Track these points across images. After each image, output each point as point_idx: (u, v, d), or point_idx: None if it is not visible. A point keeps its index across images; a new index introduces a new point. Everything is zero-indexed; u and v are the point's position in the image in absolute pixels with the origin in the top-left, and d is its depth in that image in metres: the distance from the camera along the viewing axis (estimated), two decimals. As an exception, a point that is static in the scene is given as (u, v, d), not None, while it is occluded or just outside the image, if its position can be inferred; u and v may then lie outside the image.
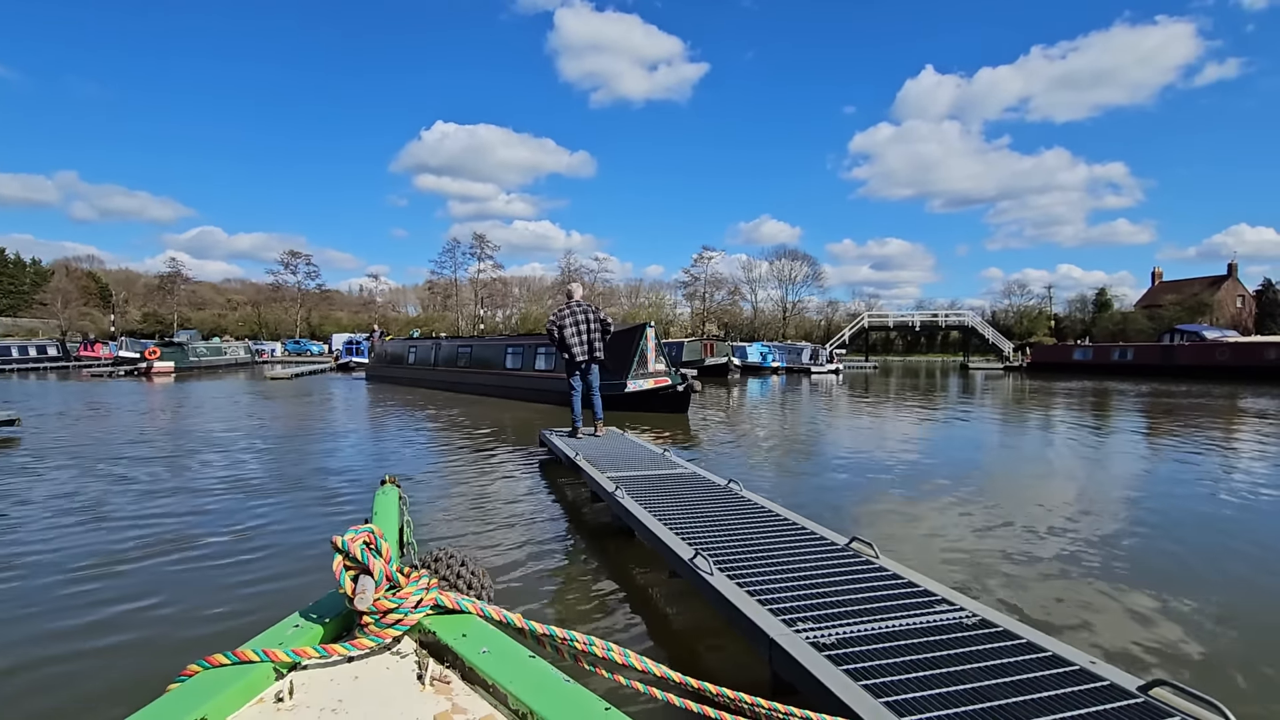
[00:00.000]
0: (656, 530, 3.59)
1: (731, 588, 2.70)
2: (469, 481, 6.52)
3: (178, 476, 6.57)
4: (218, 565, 3.99)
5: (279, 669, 1.05)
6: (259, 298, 66.67)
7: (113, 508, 5.31)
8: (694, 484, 4.88)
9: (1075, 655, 2.14)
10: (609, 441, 7.11)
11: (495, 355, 16.99)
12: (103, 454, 7.83)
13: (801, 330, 63.77)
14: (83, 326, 57.67)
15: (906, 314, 57.35)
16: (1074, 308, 64.38)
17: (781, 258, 67.19)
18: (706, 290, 66.61)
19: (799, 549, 3.26)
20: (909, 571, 2.91)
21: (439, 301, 67.38)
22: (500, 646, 1.12)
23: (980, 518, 5.19)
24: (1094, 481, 6.86)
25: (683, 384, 12.81)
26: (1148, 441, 9.93)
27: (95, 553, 4.18)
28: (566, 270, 65.57)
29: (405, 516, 1.84)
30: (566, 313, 7.59)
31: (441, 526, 4.90)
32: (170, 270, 65.33)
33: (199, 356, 32.80)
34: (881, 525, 5.00)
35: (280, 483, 6.35)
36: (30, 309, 61.96)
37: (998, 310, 64.85)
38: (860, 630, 2.32)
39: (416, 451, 8.49)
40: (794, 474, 7.29)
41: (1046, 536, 4.65)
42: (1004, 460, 8.39)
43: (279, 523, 4.94)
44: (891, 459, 7.92)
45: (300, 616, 1.21)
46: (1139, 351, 34.62)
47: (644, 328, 13.61)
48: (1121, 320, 55.91)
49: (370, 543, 1.23)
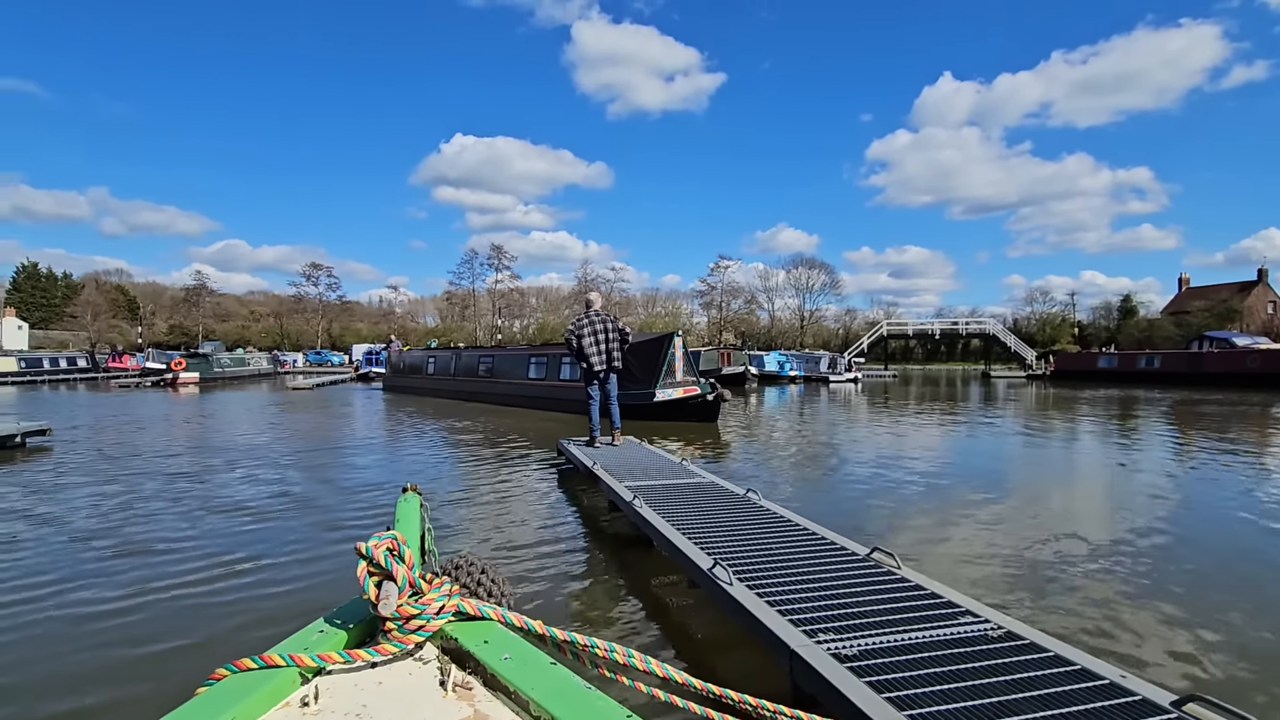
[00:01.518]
0: (675, 540, 3.57)
1: (751, 598, 2.68)
2: (488, 490, 6.55)
3: (201, 484, 6.68)
4: (244, 571, 4.04)
5: (304, 674, 1.06)
6: (281, 309, 67.75)
7: (134, 515, 5.41)
8: (712, 493, 4.86)
9: (1105, 669, 2.09)
10: (627, 451, 7.10)
11: (519, 365, 17.02)
12: (131, 463, 7.99)
13: (819, 339, 63.35)
14: (111, 338, 59.00)
15: (926, 322, 56.68)
16: (1098, 315, 63.21)
17: (798, 266, 66.92)
18: (723, 299, 66.50)
19: (819, 559, 3.23)
20: (932, 582, 2.87)
21: (457, 312, 67.94)
22: (522, 653, 1.12)
23: (1005, 528, 5.10)
24: (1122, 492, 6.72)
25: (712, 393, 12.68)
26: (1178, 451, 9.71)
27: (120, 553, 4.27)
28: (583, 280, 65.87)
29: (426, 524, 1.86)
30: (585, 322, 7.62)
31: (461, 534, 4.93)
32: (196, 283, 66.65)
33: (223, 367, 33.38)
34: (903, 535, 4.94)
35: (303, 490, 6.42)
36: (61, 321, 63.61)
37: (1020, 318, 63.88)
38: (883, 642, 2.29)
39: (437, 460, 8.55)
40: (813, 483, 7.23)
41: (1074, 548, 4.56)
42: (1029, 470, 8.24)
43: (302, 529, 5.00)
44: (913, 469, 7.82)
45: (325, 622, 1.23)
46: (1166, 359, 33.90)
47: (672, 337, 13.56)
48: (1147, 327, 54.78)
49: (393, 549, 1.24)
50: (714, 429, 11.92)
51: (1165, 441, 10.90)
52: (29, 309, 64.38)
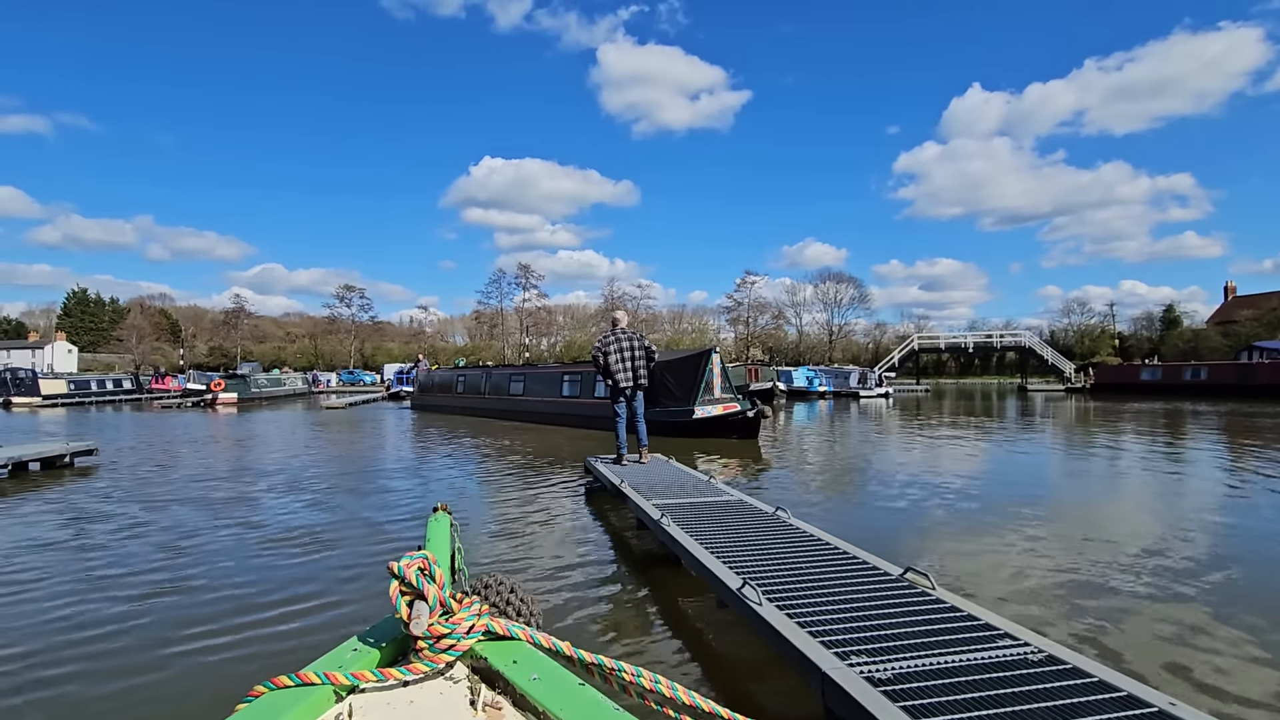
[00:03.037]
0: (703, 559, 3.55)
1: (781, 619, 2.64)
2: (516, 508, 6.59)
3: (237, 502, 6.84)
4: (282, 586, 4.12)
5: (339, 691, 1.09)
6: (316, 330, 69.46)
7: (174, 531, 5.57)
8: (741, 511, 4.82)
9: (1153, 696, 2.01)
10: (654, 468, 7.09)
11: (553, 383, 17.10)
12: (173, 482, 8.23)
13: (848, 353, 62.62)
14: (154, 360, 61.11)
15: (959, 335, 55.67)
16: (1139, 325, 61.34)
17: (826, 280, 66.45)
18: (750, 315, 66.23)
19: (851, 579, 3.17)
20: (968, 604, 2.80)
21: (485, 331, 68.84)
22: (551, 673, 1.13)
23: (1046, 549, 4.95)
24: (1170, 512, 6.47)
25: (753, 409, 12.44)
26: (1230, 468, 9.33)
27: (156, 569, 4.39)
28: (610, 298, 66.23)
29: (457, 543, 1.88)
30: (611, 339, 7.66)
31: (490, 553, 4.95)
32: (234, 306, 68.81)
33: (260, 388, 34.26)
34: (938, 556, 4.82)
35: (337, 509, 6.53)
36: (108, 344, 66.23)
37: (1056, 329, 62.34)
38: (918, 665, 2.24)
39: (467, 478, 8.64)
40: (844, 501, 7.11)
41: (1119, 570, 4.40)
42: (1071, 488, 8.00)
43: (337, 546, 5.08)
44: (948, 486, 7.65)
45: (358, 640, 1.25)
46: (1213, 370, 32.74)
47: (710, 353, 13.40)
48: (1193, 338, 52.95)
49: (424, 569, 1.26)
50: (754, 447, 11.74)
51: (1216, 456, 10.49)
52: (78, 333, 67.21)
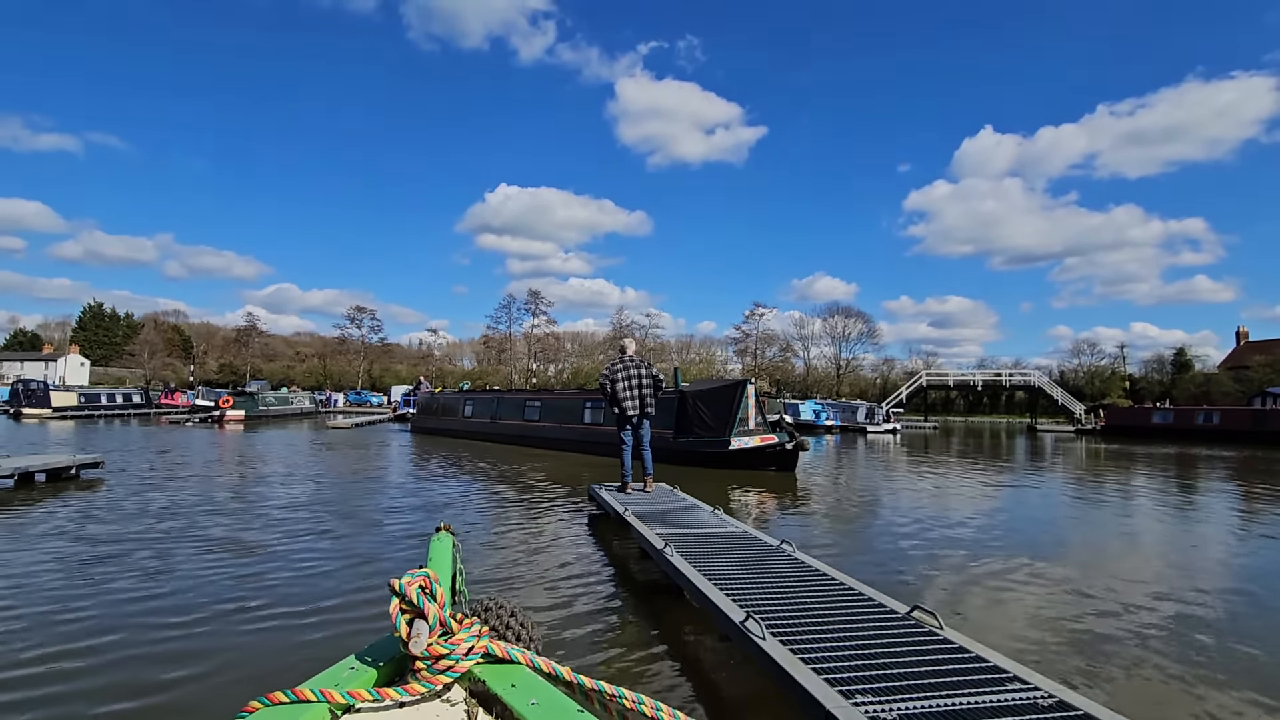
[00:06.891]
0: (706, 590, 3.49)
1: (785, 654, 2.59)
2: (520, 532, 6.53)
3: (242, 520, 6.81)
4: (281, 605, 4.08)
5: (334, 710, 1.07)
6: (325, 350, 69.85)
7: (173, 547, 5.54)
8: (745, 544, 4.76)
9: (1168, 746, 1.94)
10: (658, 497, 7.03)
11: (573, 409, 16.86)
12: (174, 494, 8.22)
13: (856, 388, 62.24)
14: (165, 376, 61.52)
15: (968, 373, 55.35)
16: (1150, 368, 60.73)
17: (835, 314, 66.30)
18: (758, 346, 66.19)
19: (856, 616, 3.11)
20: (977, 645, 2.73)
21: (493, 355, 69.05)
22: (549, 699, 1.10)
23: (1055, 592, 4.85)
24: (1182, 558, 6.35)
25: (791, 441, 12.20)
26: (1244, 515, 9.15)
27: (161, 578, 4.36)
28: (619, 326, 66.44)
29: (458, 564, 1.86)
30: (619, 367, 7.66)
31: (491, 575, 4.90)
32: (247, 324, 69.41)
33: (267, 405, 34.37)
34: (945, 595, 4.73)
35: (341, 526, 6.49)
36: (121, 359, 66.81)
37: (1066, 370, 61.80)
38: (924, 706, 2.18)
39: (470, 500, 8.58)
40: (850, 537, 7.01)
41: (1129, 615, 4.30)
42: (1080, 531, 7.85)
43: (339, 563, 5.04)
44: (956, 525, 7.54)
45: (356, 659, 1.23)
46: (1227, 415, 32.32)
47: (745, 384, 13.18)
48: (1205, 382, 52.37)
49: (426, 587, 1.25)
50: (791, 479, 11.53)
51: (1230, 503, 10.29)
52: (92, 346, 67.90)
